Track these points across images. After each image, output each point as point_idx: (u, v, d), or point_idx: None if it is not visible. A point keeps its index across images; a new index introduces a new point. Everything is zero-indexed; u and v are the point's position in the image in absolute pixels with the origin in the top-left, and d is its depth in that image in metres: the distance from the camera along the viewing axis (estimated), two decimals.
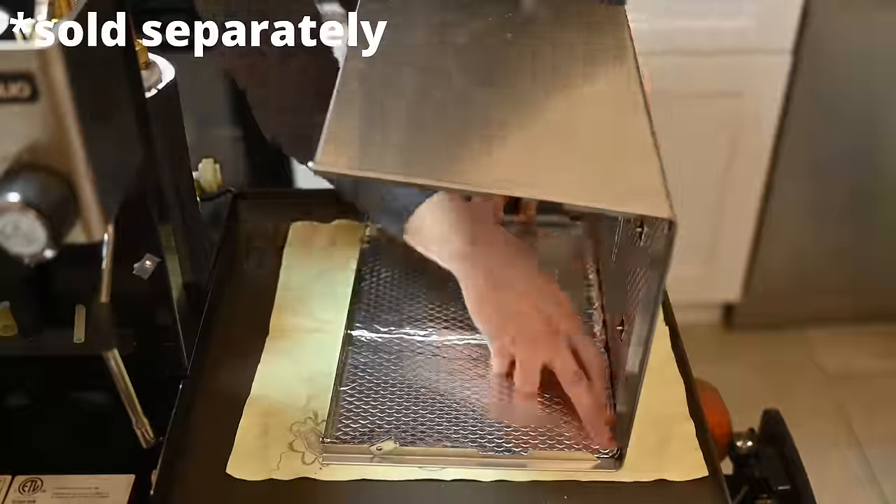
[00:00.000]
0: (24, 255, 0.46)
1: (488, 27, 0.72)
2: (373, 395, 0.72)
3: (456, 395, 0.72)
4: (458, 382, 0.73)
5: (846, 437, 1.78)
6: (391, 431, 0.69)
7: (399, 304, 0.81)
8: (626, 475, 0.66)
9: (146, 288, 0.64)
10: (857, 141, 1.78)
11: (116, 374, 0.59)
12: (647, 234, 0.62)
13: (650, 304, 0.58)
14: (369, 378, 0.74)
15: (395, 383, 0.73)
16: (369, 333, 0.78)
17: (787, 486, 0.75)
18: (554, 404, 0.71)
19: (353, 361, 0.75)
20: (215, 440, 0.69)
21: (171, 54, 0.71)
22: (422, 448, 0.68)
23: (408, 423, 0.70)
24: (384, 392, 0.72)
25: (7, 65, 0.44)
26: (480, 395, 0.72)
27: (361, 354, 0.76)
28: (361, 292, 0.82)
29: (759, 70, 1.70)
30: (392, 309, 0.80)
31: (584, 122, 0.64)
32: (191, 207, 0.75)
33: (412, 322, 0.79)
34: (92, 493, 0.64)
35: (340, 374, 0.74)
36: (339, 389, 0.72)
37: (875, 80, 1.71)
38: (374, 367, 0.75)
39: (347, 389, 0.73)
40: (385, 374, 0.74)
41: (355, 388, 0.73)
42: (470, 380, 0.74)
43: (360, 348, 0.76)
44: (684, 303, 0.96)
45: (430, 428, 0.69)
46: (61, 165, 0.47)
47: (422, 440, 0.68)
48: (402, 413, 0.71)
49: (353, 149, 0.57)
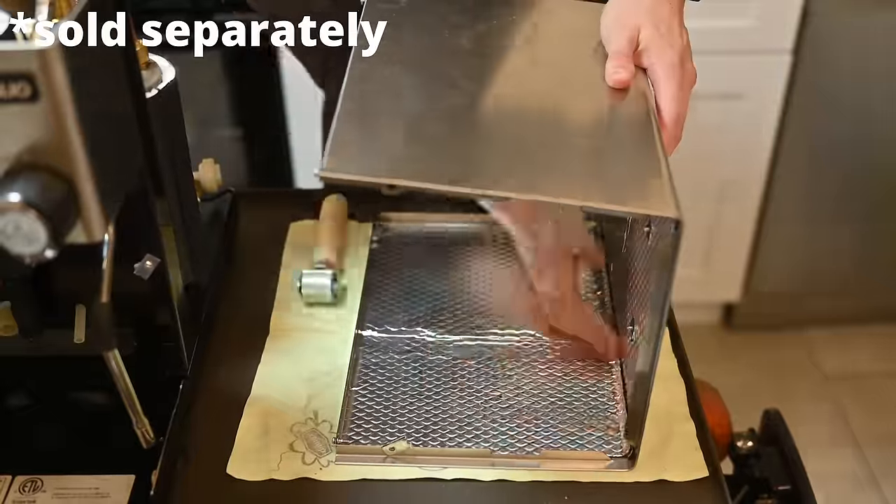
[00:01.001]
0: (24, 255, 0.46)
1: (493, 30, 0.73)
2: (384, 395, 0.72)
3: (467, 395, 0.72)
4: (470, 382, 0.73)
5: (846, 437, 1.78)
6: (403, 431, 0.69)
7: (409, 304, 0.81)
8: (626, 475, 0.66)
9: (146, 288, 0.64)
10: (857, 141, 1.78)
11: (116, 374, 0.59)
12: (655, 233, 0.62)
13: (659, 303, 0.59)
14: (381, 378, 0.74)
15: (406, 383, 0.73)
16: (380, 333, 0.78)
17: (787, 486, 0.75)
18: (566, 404, 0.71)
19: (364, 361, 0.75)
20: (215, 440, 0.69)
21: (171, 54, 0.71)
22: (434, 448, 0.68)
23: (420, 422, 0.70)
24: (396, 392, 0.72)
25: (7, 65, 0.44)
26: (492, 393, 0.72)
27: (372, 354, 0.76)
28: (371, 292, 0.82)
29: (759, 70, 1.70)
30: (403, 309, 0.80)
31: (591, 123, 0.65)
32: (191, 207, 0.75)
33: (423, 322, 0.79)
34: (92, 493, 0.64)
35: (352, 374, 0.74)
36: (351, 389, 0.73)
37: (875, 80, 1.71)
38: (385, 368, 0.75)
39: (359, 390, 0.73)
40: (396, 374, 0.74)
41: (367, 388, 0.73)
42: (481, 379, 0.74)
43: (371, 348, 0.76)
44: (684, 303, 0.96)
45: (442, 428, 0.69)
46: (62, 165, 0.47)
47: (434, 440, 0.68)
48: (415, 413, 0.71)
49: (359, 154, 0.57)
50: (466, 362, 0.75)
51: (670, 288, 0.57)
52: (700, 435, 0.69)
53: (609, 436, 0.69)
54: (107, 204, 0.50)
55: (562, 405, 0.71)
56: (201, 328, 0.74)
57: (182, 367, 0.70)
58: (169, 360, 0.70)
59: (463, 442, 0.68)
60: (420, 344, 0.77)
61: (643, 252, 0.66)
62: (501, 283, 0.82)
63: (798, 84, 1.70)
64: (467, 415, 0.71)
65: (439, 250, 0.87)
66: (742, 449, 0.79)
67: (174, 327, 0.68)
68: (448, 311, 0.80)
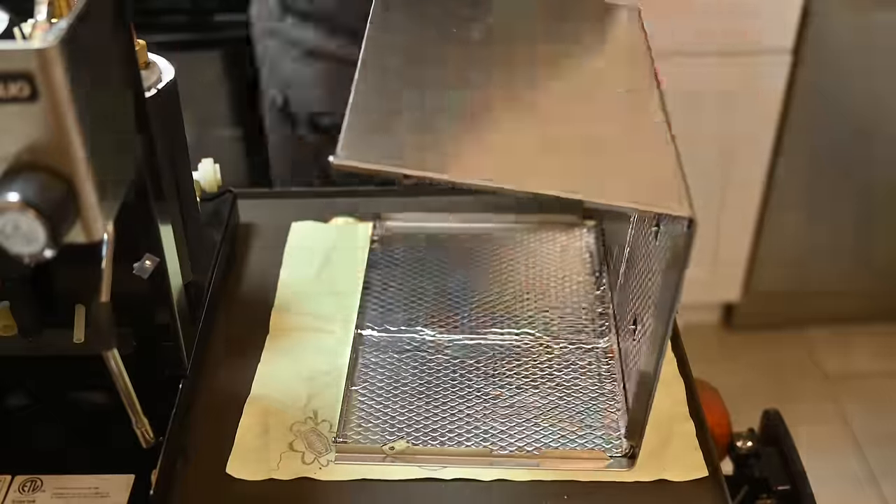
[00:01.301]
0: (23, 254, 0.46)
1: (506, 22, 0.73)
2: (384, 394, 0.72)
3: (467, 395, 0.72)
4: (470, 382, 0.73)
5: (846, 437, 1.78)
6: (403, 431, 0.69)
7: (409, 304, 0.81)
8: (626, 475, 0.66)
9: (145, 288, 0.64)
10: (858, 141, 1.78)
11: (116, 374, 0.59)
12: (663, 232, 0.62)
13: (667, 304, 0.58)
14: (380, 378, 0.74)
15: (406, 383, 0.73)
16: (379, 333, 0.78)
17: (787, 486, 0.75)
18: (566, 404, 0.71)
19: (363, 361, 0.75)
20: (215, 440, 0.69)
21: (171, 54, 0.71)
22: (434, 447, 0.68)
23: (419, 422, 0.70)
24: (395, 392, 0.72)
25: (7, 65, 0.44)
26: (491, 393, 0.72)
27: (372, 354, 0.76)
28: (371, 292, 0.82)
29: (759, 70, 1.70)
30: (403, 308, 0.80)
31: (600, 118, 0.64)
32: (191, 207, 0.75)
33: (423, 322, 0.79)
34: (92, 493, 0.64)
35: (352, 373, 0.74)
36: (351, 389, 0.73)
37: (876, 79, 1.71)
38: (384, 367, 0.75)
39: (359, 389, 0.73)
40: (396, 373, 0.74)
41: (366, 387, 0.73)
42: (481, 379, 0.74)
43: (371, 348, 0.76)
44: (684, 303, 0.97)
45: (442, 427, 0.69)
46: (61, 165, 0.47)
47: (434, 439, 0.68)
48: (414, 412, 0.71)
49: (373, 144, 0.57)
50: (466, 362, 0.75)
51: (680, 288, 0.57)
52: (700, 435, 0.69)
53: (609, 436, 0.69)
54: (106, 203, 0.50)
55: (562, 405, 0.71)
56: (201, 328, 0.74)
57: (181, 367, 0.70)
58: (168, 359, 0.70)
59: (462, 441, 0.68)
60: (420, 343, 0.77)
61: (648, 252, 0.66)
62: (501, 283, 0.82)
63: (798, 84, 1.70)
64: (467, 414, 0.71)
65: (439, 250, 0.87)
66: (742, 449, 0.79)
67: (173, 327, 0.68)
68: (448, 310, 0.80)
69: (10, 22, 0.57)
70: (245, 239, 0.89)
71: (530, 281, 0.83)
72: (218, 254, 0.81)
